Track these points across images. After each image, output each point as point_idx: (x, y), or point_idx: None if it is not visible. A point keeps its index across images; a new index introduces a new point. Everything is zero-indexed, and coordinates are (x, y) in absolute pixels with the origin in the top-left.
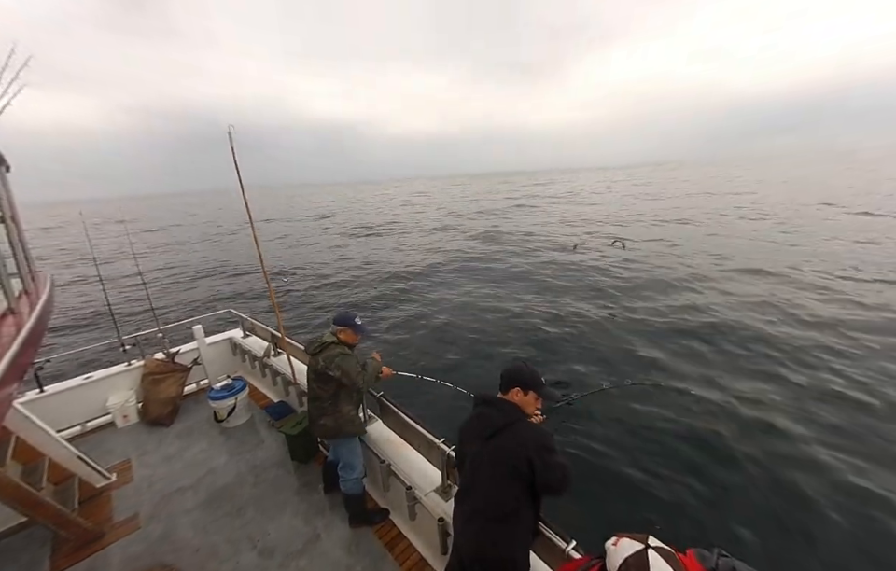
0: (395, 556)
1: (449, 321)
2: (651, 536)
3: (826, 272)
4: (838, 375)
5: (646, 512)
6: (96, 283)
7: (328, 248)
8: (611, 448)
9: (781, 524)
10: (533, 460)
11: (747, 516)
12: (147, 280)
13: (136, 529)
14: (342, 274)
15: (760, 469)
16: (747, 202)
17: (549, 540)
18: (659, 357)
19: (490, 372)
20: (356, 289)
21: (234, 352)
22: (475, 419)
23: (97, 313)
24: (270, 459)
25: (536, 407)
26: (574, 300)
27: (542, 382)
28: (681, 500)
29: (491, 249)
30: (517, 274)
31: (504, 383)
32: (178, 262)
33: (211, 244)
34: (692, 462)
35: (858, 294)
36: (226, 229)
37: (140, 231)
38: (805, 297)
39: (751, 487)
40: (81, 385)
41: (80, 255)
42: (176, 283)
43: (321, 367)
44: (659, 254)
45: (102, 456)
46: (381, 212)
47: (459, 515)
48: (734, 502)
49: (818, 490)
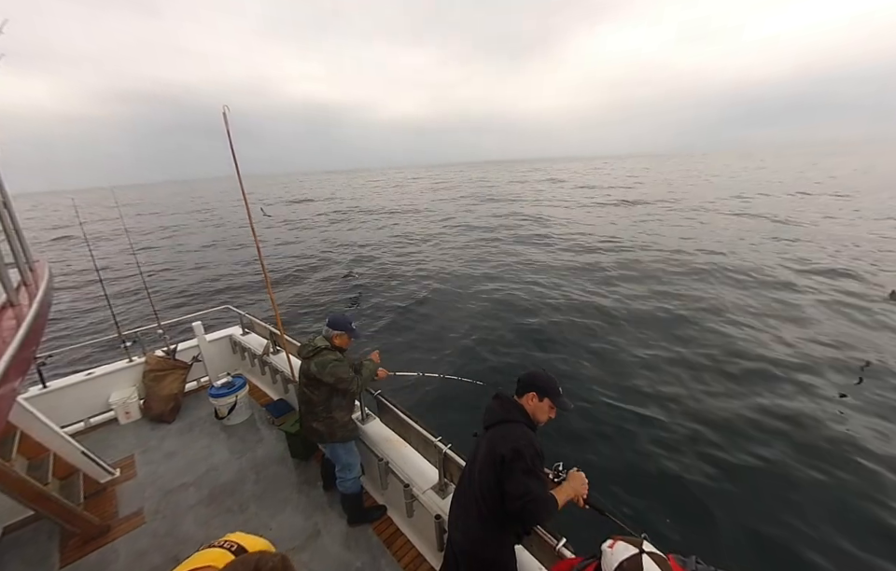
0: (393, 552)
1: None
2: (645, 541)
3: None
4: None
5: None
6: (92, 273)
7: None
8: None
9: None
10: (505, 459)
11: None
12: (144, 272)
13: (142, 524)
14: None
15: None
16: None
17: (540, 537)
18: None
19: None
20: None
21: (234, 349)
22: (484, 411)
23: (95, 309)
24: (270, 456)
25: (550, 415)
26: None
27: (559, 391)
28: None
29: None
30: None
31: (520, 387)
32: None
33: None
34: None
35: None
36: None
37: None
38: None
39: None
40: (83, 381)
41: (73, 242)
42: (174, 278)
43: (313, 372)
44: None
45: (105, 452)
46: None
47: (452, 510)
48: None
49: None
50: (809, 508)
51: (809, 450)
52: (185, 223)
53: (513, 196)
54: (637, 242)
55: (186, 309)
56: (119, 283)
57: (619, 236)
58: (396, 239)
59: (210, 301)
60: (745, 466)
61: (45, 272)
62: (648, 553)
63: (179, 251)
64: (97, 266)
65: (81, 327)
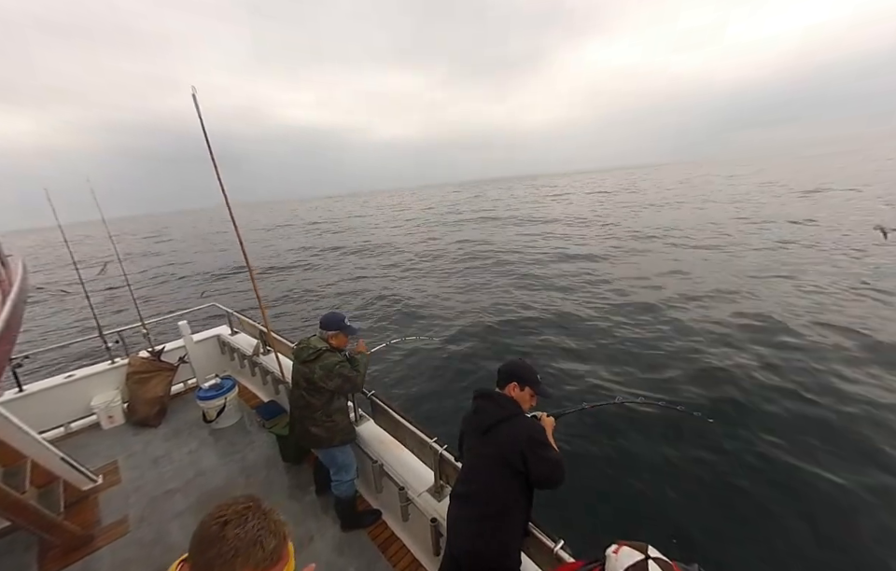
0: (388, 557)
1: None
2: (650, 547)
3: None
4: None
5: (634, 521)
6: (72, 273)
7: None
8: (610, 464)
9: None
10: (526, 454)
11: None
12: (127, 271)
13: (126, 532)
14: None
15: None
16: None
17: (538, 540)
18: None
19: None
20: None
21: (222, 350)
22: (473, 414)
23: (76, 308)
24: (260, 460)
25: (531, 403)
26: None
27: (538, 379)
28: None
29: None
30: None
31: (501, 378)
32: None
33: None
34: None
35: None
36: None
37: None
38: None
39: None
40: (63, 384)
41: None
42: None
43: (318, 376)
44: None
45: (87, 458)
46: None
47: (454, 510)
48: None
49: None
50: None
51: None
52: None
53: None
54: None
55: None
56: (100, 281)
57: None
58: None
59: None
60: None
61: (19, 269)
62: (653, 559)
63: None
64: (73, 258)
65: (61, 329)
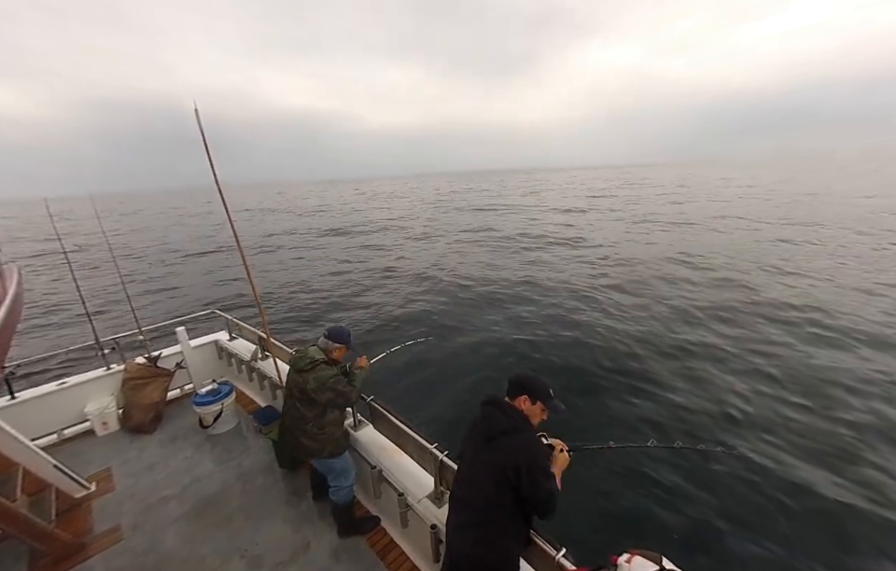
0: (387, 565)
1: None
2: (664, 557)
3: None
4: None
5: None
6: (67, 275)
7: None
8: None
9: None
10: (521, 471)
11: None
12: (123, 273)
13: (119, 541)
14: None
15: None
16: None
17: (540, 548)
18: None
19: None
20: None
21: (220, 355)
22: (481, 420)
23: (72, 314)
24: (257, 466)
25: (542, 417)
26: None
27: (551, 394)
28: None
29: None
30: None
31: (512, 389)
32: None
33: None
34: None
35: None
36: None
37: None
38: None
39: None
40: (56, 391)
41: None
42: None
43: (311, 388)
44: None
45: (81, 466)
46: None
47: (453, 517)
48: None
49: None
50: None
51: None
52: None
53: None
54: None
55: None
56: (95, 279)
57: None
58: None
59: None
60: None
61: (14, 277)
62: (668, 570)
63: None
64: (65, 247)
65: (54, 335)
